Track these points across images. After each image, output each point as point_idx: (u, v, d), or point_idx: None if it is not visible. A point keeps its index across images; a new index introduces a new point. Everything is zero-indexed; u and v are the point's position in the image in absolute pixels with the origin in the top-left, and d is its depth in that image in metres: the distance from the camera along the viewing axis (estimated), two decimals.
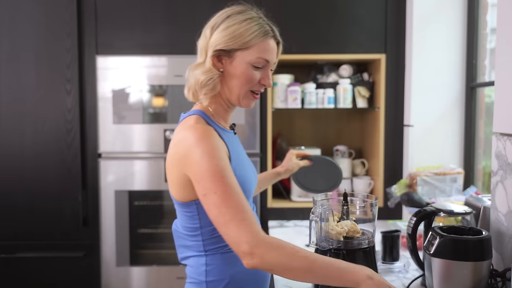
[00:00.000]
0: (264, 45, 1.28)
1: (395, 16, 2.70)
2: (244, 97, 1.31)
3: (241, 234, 1.10)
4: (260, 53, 1.27)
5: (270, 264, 1.10)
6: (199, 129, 1.21)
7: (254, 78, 1.29)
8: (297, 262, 1.10)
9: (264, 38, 1.27)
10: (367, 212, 1.42)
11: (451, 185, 2.44)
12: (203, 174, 1.15)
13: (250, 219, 1.12)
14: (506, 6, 1.49)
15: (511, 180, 1.45)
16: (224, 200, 1.13)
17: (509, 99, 1.47)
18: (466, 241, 1.31)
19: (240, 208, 1.13)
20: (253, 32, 1.26)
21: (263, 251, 1.09)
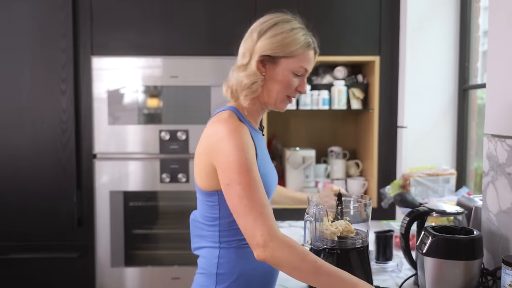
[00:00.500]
0: (306, 55, 1.35)
1: (389, 19, 2.72)
2: (281, 101, 1.38)
3: (257, 227, 1.15)
4: (302, 62, 1.35)
5: (280, 260, 1.15)
6: (232, 123, 1.26)
7: (293, 84, 1.36)
8: (305, 264, 1.15)
9: (307, 48, 1.35)
10: (361, 212, 1.44)
11: (444, 186, 2.47)
12: (230, 164, 1.21)
13: (268, 214, 1.18)
14: (497, 9, 1.51)
15: (502, 181, 1.47)
16: (247, 191, 1.18)
17: (500, 101, 1.50)
18: (458, 240, 1.33)
19: (260, 202, 1.18)
20: (299, 42, 1.34)
21: (275, 246, 1.14)
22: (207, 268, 1.35)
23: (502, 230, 1.47)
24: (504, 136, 1.46)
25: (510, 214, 1.42)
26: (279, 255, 1.15)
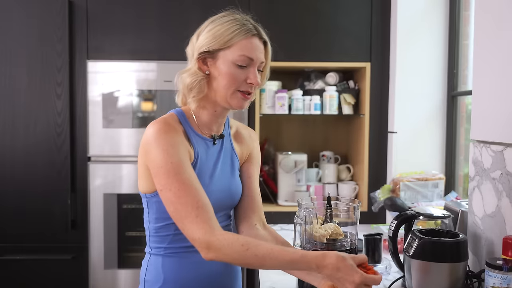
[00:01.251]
0: (246, 43, 1.27)
1: (380, 26, 2.77)
2: (232, 98, 1.29)
3: (195, 231, 1.15)
4: (242, 50, 1.27)
5: (224, 259, 1.15)
6: (160, 124, 1.23)
7: (238, 77, 1.27)
8: (248, 260, 1.14)
9: (245, 36, 1.27)
10: (350, 216, 1.47)
11: (433, 190, 2.52)
12: (159, 170, 1.20)
13: (204, 215, 1.16)
14: (482, 18, 1.56)
15: (487, 186, 1.52)
16: (179, 197, 1.17)
17: (485, 108, 1.54)
18: (443, 243, 1.37)
19: (194, 205, 1.16)
20: (234, 30, 1.27)
21: (216, 248, 1.14)
22: (140, 274, 1.37)
23: (487, 233, 1.51)
24: (489, 142, 1.51)
25: (495, 218, 1.47)
26: (222, 256, 1.14)
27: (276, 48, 2.71)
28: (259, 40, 1.31)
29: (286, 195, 2.90)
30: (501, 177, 1.44)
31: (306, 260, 1.13)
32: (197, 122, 1.34)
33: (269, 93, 2.84)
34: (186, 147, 1.25)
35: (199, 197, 1.18)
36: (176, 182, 1.18)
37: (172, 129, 1.24)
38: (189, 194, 1.17)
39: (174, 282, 1.31)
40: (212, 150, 1.36)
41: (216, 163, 1.36)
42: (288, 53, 2.76)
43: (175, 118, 1.31)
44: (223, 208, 1.38)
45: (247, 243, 1.14)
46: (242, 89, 1.29)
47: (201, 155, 1.31)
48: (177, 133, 1.24)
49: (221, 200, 1.35)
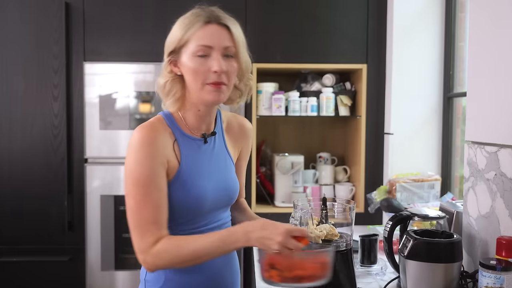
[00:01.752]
0: (201, 32, 1.25)
1: (376, 28, 2.78)
2: (203, 92, 1.27)
3: (138, 244, 1.22)
4: (198, 41, 1.25)
5: (162, 267, 1.24)
6: (143, 132, 1.25)
7: (201, 68, 1.25)
8: (184, 258, 1.20)
9: (200, 25, 1.25)
10: (346, 216, 1.48)
11: (429, 192, 2.53)
12: (129, 176, 1.23)
13: (151, 230, 1.20)
14: (477, 20, 1.57)
15: (481, 186, 1.52)
16: (138, 208, 1.21)
17: (480, 109, 1.55)
18: (438, 243, 1.38)
19: (149, 219, 1.21)
20: (187, 24, 1.27)
21: (152, 260, 1.21)
22: (140, 274, 1.38)
23: (482, 234, 1.52)
24: (483, 143, 1.52)
25: (489, 218, 1.48)
26: (159, 265, 1.22)
27: (274, 50, 2.74)
28: (218, 26, 1.27)
29: (283, 196, 2.91)
30: (495, 178, 1.45)
31: (233, 231, 1.19)
32: (186, 123, 1.33)
33: (266, 95, 2.85)
34: (165, 157, 1.25)
35: (155, 213, 1.21)
36: (141, 194, 1.21)
37: (155, 138, 1.25)
38: (149, 208, 1.21)
39: (175, 282, 1.32)
40: (204, 149, 1.35)
41: (210, 161, 1.35)
42: (285, 54, 2.77)
43: (162, 121, 1.31)
44: (221, 206, 1.38)
45: (179, 242, 1.20)
46: (210, 81, 1.25)
47: (190, 157, 1.31)
48: (157, 143, 1.24)
49: (218, 198, 1.35)
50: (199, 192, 1.29)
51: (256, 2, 2.74)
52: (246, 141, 1.50)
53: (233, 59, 1.28)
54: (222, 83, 1.27)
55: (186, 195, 1.27)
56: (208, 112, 1.35)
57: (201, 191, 1.30)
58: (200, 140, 1.35)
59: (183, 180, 1.27)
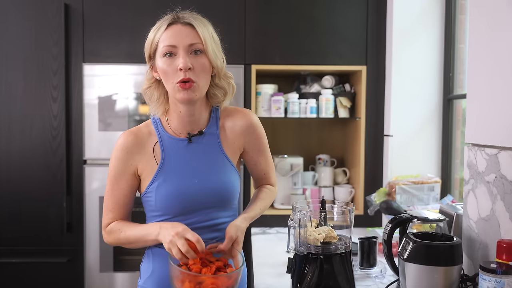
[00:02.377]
0: (166, 33, 1.33)
1: (376, 29, 2.78)
2: (174, 91, 1.34)
3: (102, 221, 1.45)
4: (164, 41, 1.33)
5: (112, 243, 1.44)
6: (119, 139, 1.42)
7: (169, 68, 1.32)
8: (122, 241, 1.41)
9: (163, 28, 1.34)
10: (345, 219, 1.47)
11: (429, 194, 2.52)
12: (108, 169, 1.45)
13: (108, 215, 1.42)
14: (477, 21, 1.57)
15: (481, 189, 1.52)
16: (105, 194, 1.44)
17: (480, 111, 1.55)
18: (437, 246, 1.37)
19: (109, 207, 1.42)
20: (155, 28, 1.36)
21: (105, 236, 1.44)
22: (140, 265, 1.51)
23: (482, 237, 1.51)
24: (483, 145, 1.51)
25: (489, 221, 1.47)
26: (109, 242, 1.44)
27: (273, 51, 2.74)
28: (182, 25, 1.34)
29: (282, 198, 2.90)
30: (495, 180, 1.44)
31: (154, 225, 1.34)
32: (170, 126, 1.42)
33: (265, 97, 2.84)
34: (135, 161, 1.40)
35: (113, 206, 1.42)
36: (108, 185, 1.43)
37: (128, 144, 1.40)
38: (110, 200, 1.43)
39: (161, 274, 1.39)
40: (191, 149, 1.41)
41: (195, 160, 1.40)
42: (284, 56, 2.76)
43: (149, 125, 1.44)
44: (212, 205, 1.40)
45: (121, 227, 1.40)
46: (178, 80, 1.31)
47: (172, 157, 1.40)
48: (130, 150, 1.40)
49: (204, 196, 1.39)
50: (177, 189, 1.37)
51: (255, 4, 2.74)
52: (250, 135, 1.50)
53: (202, 56, 1.33)
54: (190, 80, 1.31)
55: (167, 192, 1.37)
56: (190, 112, 1.39)
57: (180, 189, 1.37)
58: (184, 140, 1.41)
59: (164, 179, 1.37)
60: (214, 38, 1.38)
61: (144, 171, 1.40)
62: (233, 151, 1.47)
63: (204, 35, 1.33)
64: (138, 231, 1.37)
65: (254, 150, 1.52)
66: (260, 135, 1.53)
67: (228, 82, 1.43)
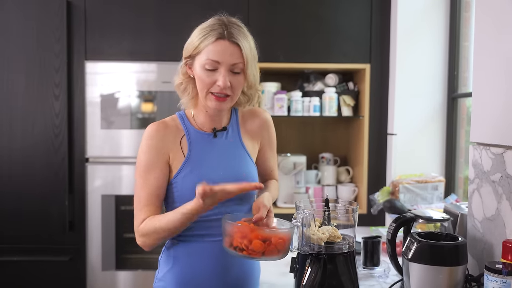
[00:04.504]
0: (212, 47, 1.34)
1: (380, 28, 2.76)
2: (206, 99, 1.39)
3: (134, 223, 1.38)
4: (208, 55, 1.34)
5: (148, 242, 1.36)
6: (150, 127, 1.41)
7: (207, 80, 1.35)
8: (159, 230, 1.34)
9: (211, 40, 1.34)
10: (348, 218, 1.46)
11: (433, 193, 2.50)
12: (136, 162, 1.42)
13: (142, 210, 1.37)
14: (482, 20, 1.55)
15: (486, 188, 1.50)
16: (136, 190, 1.39)
17: (485, 110, 1.53)
18: (442, 246, 1.35)
19: (143, 201, 1.37)
20: (202, 36, 1.35)
21: (140, 237, 1.37)
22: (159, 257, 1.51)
23: (487, 236, 1.50)
24: (488, 144, 1.50)
25: (494, 221, 1.46)
26: (145, 240, 1.36)
27: (276, 49, 2.72)
28: (229, 42, 1.35)
29: (285, 197, 2.89)
30: (501, 180, 1.42)
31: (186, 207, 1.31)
32: (196, 121, 1.46)
33: (268, 95, 2.83)
34: (167, 149, 1.40)
35: (146, 194, 1.37)
36: (139, 177, 1.39)
37: (158, 133, 1.40)
38: (142, 191, 1.38)
39: (182, 267, 1.42)
40: (215, 143, 1.46)
41: (219, 154, 1.45)
42: (287, 54, 2.75)
43: (175, 119, 1.46)
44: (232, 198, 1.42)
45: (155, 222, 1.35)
46: (214, 91, 1.36)
47: (198, 149, 1.42)
48: (159, 136, 1.40)
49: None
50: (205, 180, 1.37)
51: (259, 2, 2.72)
52: (265, 132, 1.57)
53: (241, 74, 1.38)
54: (226, 95, 1.38)
55: (194, 182, 1.35)
56: (217, 113, 1.45)
57: (207, 179, 1.37)
58: (210, 134, 1.46)
59: (190, 170, 1.40)
60: (254, 54, 1.43)
61: (174, 162, 1.41)
62: (253, 146, 1.54)
63: (247, 55, 1.37)
64: (174, 212, 1.35)
65: (267, 146, 1.59)
66: (273, 133, 1.61)
67: (255, 93, 1.49)
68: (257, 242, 1.22)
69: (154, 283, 1.50)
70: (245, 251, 1.23)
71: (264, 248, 1.23)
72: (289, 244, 1.30)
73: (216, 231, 1.37)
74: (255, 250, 1.23)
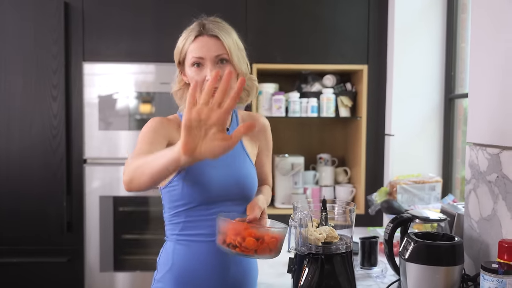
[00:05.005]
0: (193, 45, 1.39)
1: (377, 29, 2.77)
2: None
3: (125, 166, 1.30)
4: (192, 53, 1.38)
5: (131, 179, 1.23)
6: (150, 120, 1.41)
7: (197, 77, 1.38)
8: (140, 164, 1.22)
9: (191, 39, 1.39)
10: (346, 218, 1.46)
11: (430, 193, 2.51)
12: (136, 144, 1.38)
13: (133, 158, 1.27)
14: (479, 21, 1.56)
15: (483, 189, 1.51)
16: (135, 148, 1.33)
17: (482, 110, 1.54)
18: (439, 246, 1.36)
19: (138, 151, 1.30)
20: (183, 39, 1.41)
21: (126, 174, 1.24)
22: (157, 258, 1.50)
23: (483, 236, 1.50)
24: (485, 144, 1.50)
25: (491, 221, 1.46)
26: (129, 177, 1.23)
27: (274, 50, 2.73)
28: (208, 37, 1.39)
29: (283, 197, 2.90)
30: (497, 180, 1.43)
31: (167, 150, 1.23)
32: None
33: (266, 96, 2.83)
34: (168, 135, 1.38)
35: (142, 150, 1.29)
36: (140, 139, 1.34)
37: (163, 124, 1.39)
38: (139, 146, 1.32)
39: (181, 268, 1.42)
40: None
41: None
42: (285, 55, 2.75)
43: (177, 117, 1.48)
44: (232, 197, 1.45)
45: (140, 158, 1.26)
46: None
47: None
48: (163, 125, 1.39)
49: (227, 188, 1.43)
50: (205, 178, 1.41)
51: (256, 3, 2.73)
52: (263, 136, 1.59)
53: (228, 64, 1.40)
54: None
55: (195, 180, 1.39)
56: None
57: (207, 178, 1.41)
58: None
59: (191, 167, 1.38)
60: (239, 46, 1.44)
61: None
62: (252, 149, 1.55)
63: (229, 45, 1.39)
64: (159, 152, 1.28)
65: (264, 151, 1.61)
66: (270, 138, 1.63)
67: (252, 83, 1.52)
68: (250, 240, 1.24)
69: (152, 284, 1.50)
70: (238, 248, 1.24)
71: (257, 246, 1.24)
72: (281, 244, 1.31)
73: (214, 231, 1.37)
74: (248, 247, 1.24)
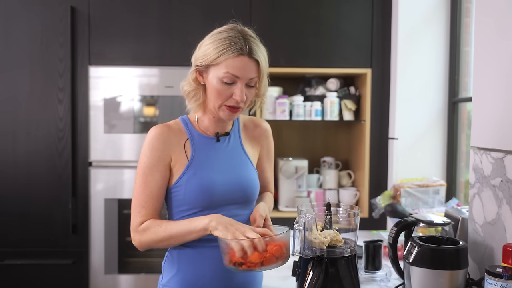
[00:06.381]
0: (233, 61, 1.33)
1: (381, 32, 2.78)
2: (220, 110, 1.40)
3: (131, 223, 1.41)
4: (227, 68, 1.34)
5: (145, 244, 1.39)
6: (154, 130, 1.42)
7: (224, 93, 1.36)
8: (160, 236, 1.36)
9: (233, 55, 1.33)
10: (350, 222, 1.47)
11: (434, 197, 2.51)
12: (138, 164, 1.43)
13: (141, 212, 1.39)
14: (482, 25, 1.56)
15: (487, 193, 1.51)
16: (136, 190, 1.41)
17: (486, 115, 1.54)
18: (443, 250, 1.36)
19: (141, 203, 1.39)
20: (223, 49, 1.34)
21: (137, 237, 1.39)
22: (162, 262, 1.51)
23: (487, 240, 1.51)
24: (489, 149, 1.51)
25: (495, 225, 1.47)
26: (142, 241, 1.39)
27: (278, 54, 2.74)
28: (249, 58, 1.35)
29: (286, 201, 2.90)
30: (501, 184, 1.43)
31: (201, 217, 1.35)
32: (199, 125, 1.48)
33: (270, 99, 2.84)
34: (169, 152, 1.41)
35: (147, 197, 1.39)
36: (140, 179, 1.40)
37: (161, 135, 1.41)
38: (141, 191, 1.39)
39: (187, 273, 1.43)
40: (218, 147, 1.48)
41: (222, 158, 1.47)
42: (289, 59, 2.76)
43: (178, 123, 1.48)
44: (235, 201, 1.46)
45: (160, 225, 1.37)
46: (229, 104, 1.38)
47: (201, 153, 1.45)
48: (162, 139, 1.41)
49: (230, 192, 1.44)
50: (207, 182, 1.41)
51: (260, 6, 2.75)
52: (265, 141, 1.60)
53: (254, 87, 1.41)
54: (238, 108, 1.40)
55: (197, 185, 1.40)
56: (222, 119, 1.46)
57: (210, 182, 1.42)
58: (213, 138, 1.48)
59: (193, 172, 1.41)
60: (267, 67, 1.43)
61: (176, 165, 1.42)
62: (253, 153, 1.56)
63: (263, 70, 1.39)
64: (182, 223, 1.36)
65: (265, 156, 1.61)
66: (272, 143, 1.64)
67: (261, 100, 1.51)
68: (254, 254, 1.23)
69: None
70: (244, 265, 1.24)
71: (262, 258, 1.24)
72: (286, 249, 1.30)
73: None
74: (253, 262, 1.24)
